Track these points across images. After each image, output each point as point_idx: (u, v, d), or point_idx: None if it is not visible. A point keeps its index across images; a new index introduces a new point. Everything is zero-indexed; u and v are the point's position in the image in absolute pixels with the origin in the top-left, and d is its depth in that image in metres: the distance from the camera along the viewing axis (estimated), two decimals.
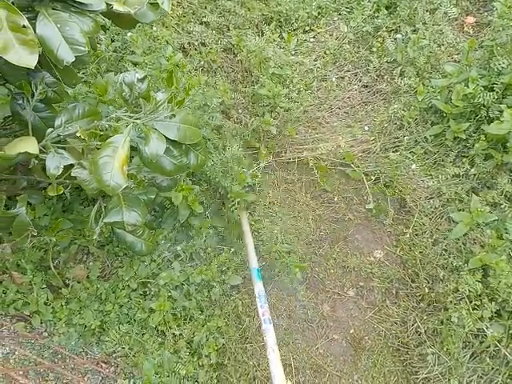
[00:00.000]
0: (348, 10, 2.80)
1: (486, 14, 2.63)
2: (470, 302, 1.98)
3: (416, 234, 2.26)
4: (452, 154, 2.22)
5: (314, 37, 2.73)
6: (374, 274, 2.24)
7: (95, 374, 1.88)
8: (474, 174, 2.15)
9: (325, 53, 2.67)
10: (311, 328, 2.16)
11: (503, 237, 2.03)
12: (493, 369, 1.92)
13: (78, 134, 1.18)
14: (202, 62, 2.59)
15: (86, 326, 1.84)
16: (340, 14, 2.83)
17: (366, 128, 2.48)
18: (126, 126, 1.17)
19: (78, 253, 2.13)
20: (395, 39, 2.56)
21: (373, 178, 2.38)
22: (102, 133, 1.24)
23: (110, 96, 1.73)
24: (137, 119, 1.17)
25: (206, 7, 2.76)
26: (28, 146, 1.12)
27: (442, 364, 1.98)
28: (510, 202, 2.15)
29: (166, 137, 1.18)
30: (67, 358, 1.88)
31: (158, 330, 1.92)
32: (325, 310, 2.20)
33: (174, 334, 1.92)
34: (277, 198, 2.42)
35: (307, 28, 2.78)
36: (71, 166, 1.26)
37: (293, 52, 2.70)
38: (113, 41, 2.38)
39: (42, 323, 1.88)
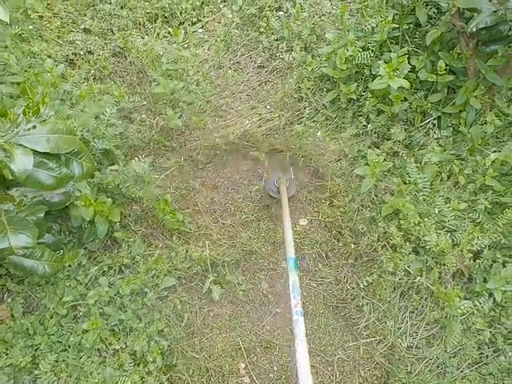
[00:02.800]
0: None
1: None
2: (391, 247, 2.14)
3: (333, 196, 2.37)
4: (349, 115, 2.35)
5: (202, 27, 2.74)
6: (302, 243, 2.33)
7: None
8: (371, 130, 2.30)
9: (216, 41, 2.69)
10: (254, 308, 2.21)
11: (407, 181, 2.20)
12: (420, 302, 2.09)
13: None
14: (93, 71, 2.51)
15: (16, 366, 1.73)
16: (225, 1, 2.87)
17: (269, 106, 2.55)
18: None
19: None
20: (279, 17, 2.64)
21: (284, 152, 2.46)
22: None
23: None
24: None
25: (85, 14, 2.67)
26: None
27: (377, 310, 2.12)
28: (407, 148, 2.34)
29: (36, 150, 1.13)
30: None
31: (97, 350, 1.86)
32: (264, 287, 2.25)
33: (115, 349, 1.87)
34: (195, 192, 2.42)
35: (194, 19, 2.79)
36: None
37: (185, 45, 2.70)
38: None
39: None
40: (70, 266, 1.92)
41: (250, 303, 2.22)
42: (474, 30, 1.86)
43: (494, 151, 2.22)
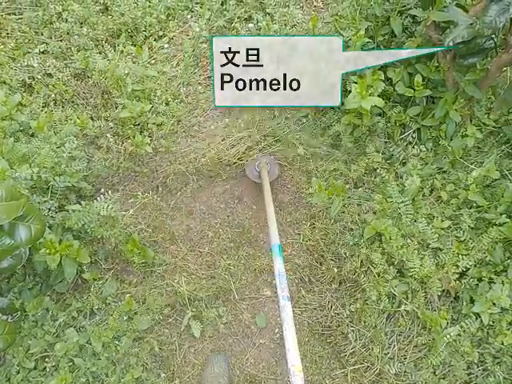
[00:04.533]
0: (199, 5, 2.69)
1: None
2: (377, 273, 2.05)
3: (314, 217, 2.28)
4: (323, 130, 2.26)
5: (168, 42, 2.59)
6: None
7: None
8: (344, 145, 2.21)
9: (184, 56, 2.55)
10: (237, 340, 2.12)
11: (388, 200, 2.12)
12: (406, 326, 2.03)
13: None
14: (53, 95, 2.34)
15: None
16: (192, 11, 2.72)
17: (243, 125, 2.43)
18: None
19: None
20: (249, 29, 2.51)
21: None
22: None
23: None
24: None
25: (42, 33, 2.49)
26: None
27: (363, 336, 2.05)
28: (388, 164, 2.26)
29: None
30: None
31: None
32: (246, 318, 2.16)
33: None
34: (170, 220, 2.30)
35: (161, 33, 2.63)
36: None
37: (152, 61, 2.55)
38: None
39: None
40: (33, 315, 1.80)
41: (232, 336, 2.12)
42: (451, 44, 1.78)
43: (476, 162, 2.17)
